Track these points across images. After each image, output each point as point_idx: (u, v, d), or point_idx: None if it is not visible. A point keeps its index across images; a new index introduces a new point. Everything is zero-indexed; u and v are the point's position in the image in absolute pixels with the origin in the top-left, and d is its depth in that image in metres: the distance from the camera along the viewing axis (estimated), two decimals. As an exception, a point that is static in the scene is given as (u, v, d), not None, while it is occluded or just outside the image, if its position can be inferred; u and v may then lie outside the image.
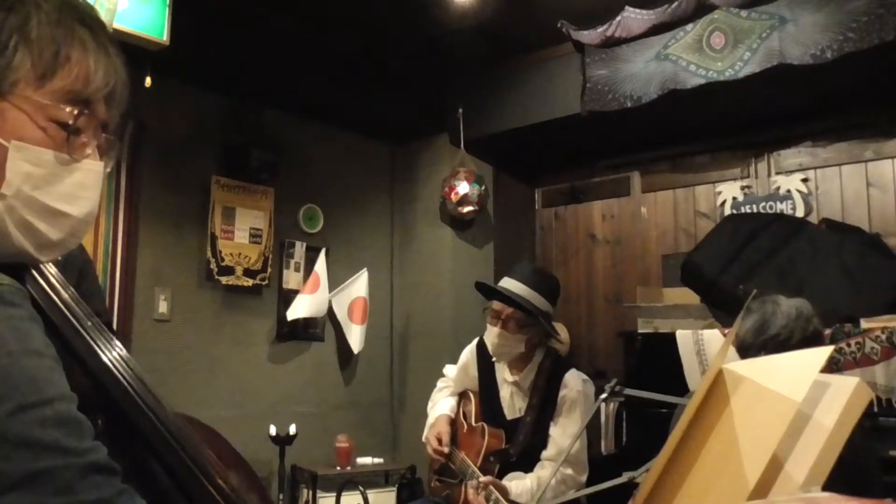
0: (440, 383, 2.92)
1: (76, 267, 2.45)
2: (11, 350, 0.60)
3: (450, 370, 2.91)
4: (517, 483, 2.38)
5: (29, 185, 0.71)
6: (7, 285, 0.65)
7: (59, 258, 2.19)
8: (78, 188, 0.75)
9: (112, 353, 0.79)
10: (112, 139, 0.79)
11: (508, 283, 2.52)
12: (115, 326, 2.64)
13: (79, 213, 0.75)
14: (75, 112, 0.72)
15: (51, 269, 0.80)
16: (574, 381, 2.50)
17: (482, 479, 2.33)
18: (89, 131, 0.75)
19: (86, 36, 0.74)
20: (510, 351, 2.53)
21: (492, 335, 2.53)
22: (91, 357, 0.77)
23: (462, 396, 2.80)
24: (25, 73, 0.70)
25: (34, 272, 0.77)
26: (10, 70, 0.69)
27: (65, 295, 0.79)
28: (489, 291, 2.62)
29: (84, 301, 2.33)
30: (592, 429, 3.37)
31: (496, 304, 2.53)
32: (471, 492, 2.35)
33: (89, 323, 0.79)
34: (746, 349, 1.87)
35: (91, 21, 0.75)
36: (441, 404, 2.79)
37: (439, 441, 2.63)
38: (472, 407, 2.70)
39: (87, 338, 0.78)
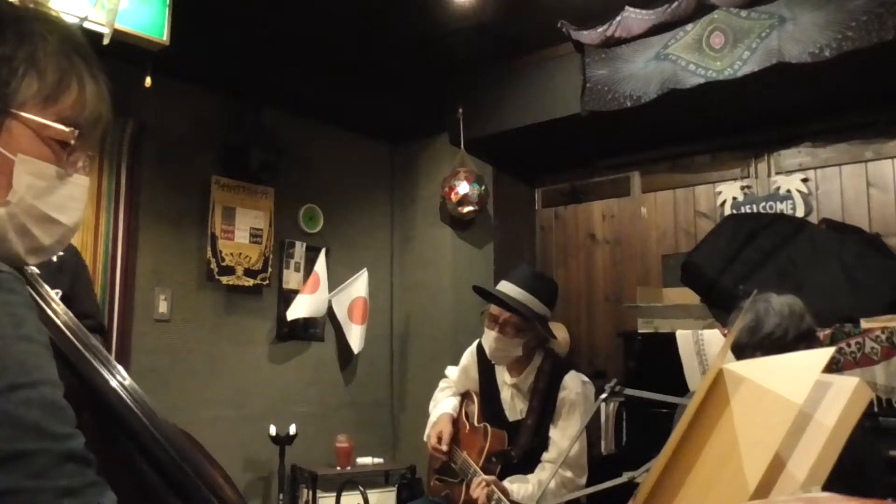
0: (442, 384, 2.92)
1: (70, 270, 2.49)
2: (5, 334, 0.64)
3: (451, 371, 2.90)
4: (519, 486, 2.38)
5: (30, 195, 0.79)
6: (6, 273, 0.70)
7: (55, 260, 2.21)
8: (69, 199, 0.83)
9: (115, 377, 0.85)
10: (93, 156, 0.89)
11: (506, 287, 2.51)
12: (106, 327, 2.66)
13: (68, 222, 0.84)
14: (75, 133, 0.81)
15: (49, 292, 0.86)
16: (573, 383, 2.50)
17: (486, 478, 2.33)
18: (79, 150, 0.84)
19: (82, 67, 0.82)
20: (508, 355, 2.53)
21: (489, 339, 2.52)
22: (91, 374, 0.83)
23: (465, 397, 2.80)
24: (32, 95, 0.78)
25: (35, 295, 0.82)
26: (19, 92, 0.77)
27: (65, 318, 0.86)
28: (487, 295, 2.62)
29: (76, 302, 2.35)
30: (592, 429, 3.37)
31: (494, 309, 2.53)
32: (473, 489, 2.35)
33: (90, 343, 0.86)
34: (742, 349, 1.87)
35: (86, 53, 0.84)
36: (443, 403, 2.79)
37: (440, 439, 2.63)
38: (475, 408, 2.70)
39: (90, 358, 0.84)
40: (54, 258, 2.37)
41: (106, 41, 2.51)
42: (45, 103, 0.79)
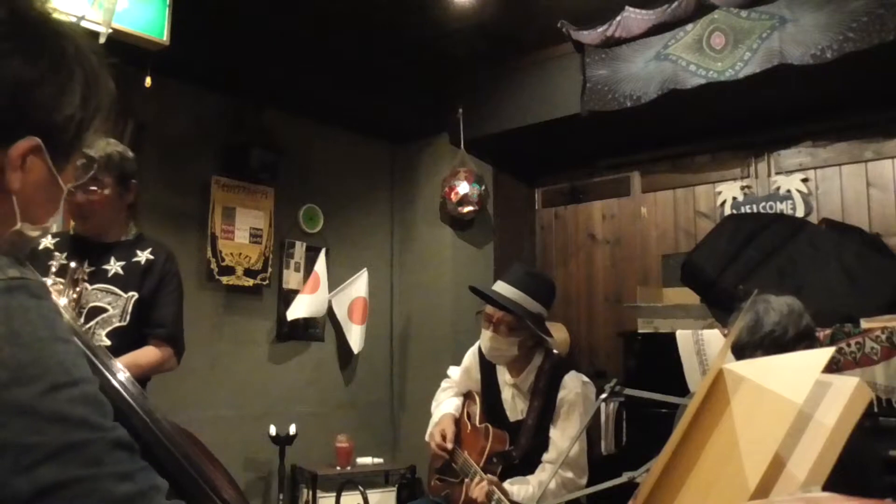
0: (444, 384, 2.92)
1: (157, 275, 2.26)
2: (42, 336, 0.66)
3: (453, 372, 2.91)
4: (519, 487, 2.39)
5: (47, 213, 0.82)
6: (34, 280, 0.71)
7: (143, 263, 2.17)
8: (57, 208, 0.85)
9: (116, 376, 0.86)
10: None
11: (500, 287, 2.52)
12: (178, 340, 2.38)
13: (52, 228, 0.85)
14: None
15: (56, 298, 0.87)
16: (573, 383, 2.50)
17: (487, 477, 2.33)
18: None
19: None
20: (503, 354, 2.54)
21: (485, 339, 2.54)
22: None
23: (467, 397, 2.81)
24: (76, 123, 0.81)
25: None
26: (72, 125, 0.80)
27: (67, 317, 0.86)
28: (480, 295, 2.63)
29: (155, 308, 2.26)
30: (593, 429, 3.37)
31: (488, 308, 2.54)
32: (474, 489, 2.35)
33: (92, 344, 0.88)
34: (742, 348, 1.87)
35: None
36: (445, 403, 2.80)
37: (443, 438, 2.63)
38: (477, 408, 2.71)
39: (92, 359, 0.84)
40: (143, 261, 2.25)
41: (102, 40, 2.51)
42: (79, 127, 0.81)
